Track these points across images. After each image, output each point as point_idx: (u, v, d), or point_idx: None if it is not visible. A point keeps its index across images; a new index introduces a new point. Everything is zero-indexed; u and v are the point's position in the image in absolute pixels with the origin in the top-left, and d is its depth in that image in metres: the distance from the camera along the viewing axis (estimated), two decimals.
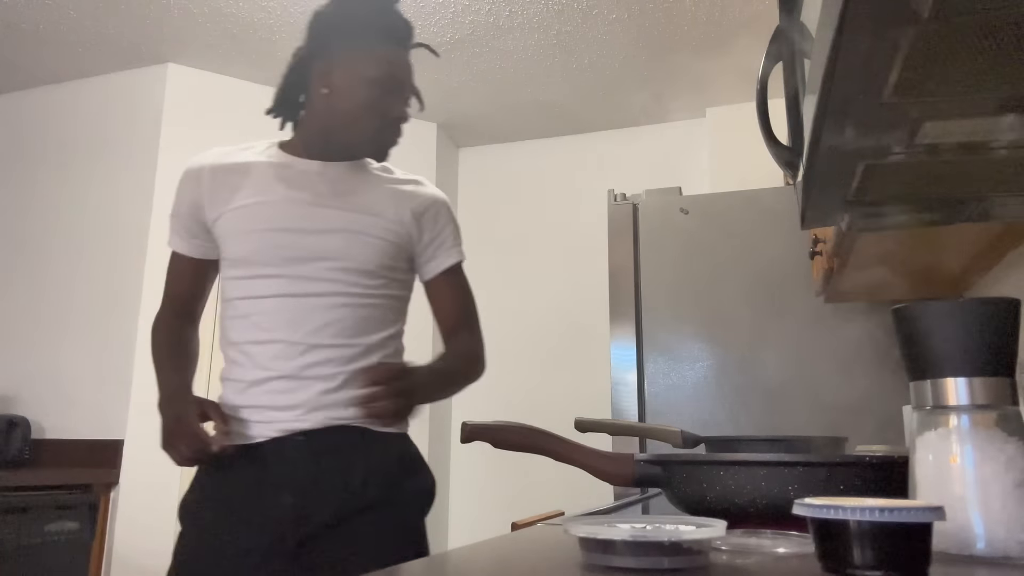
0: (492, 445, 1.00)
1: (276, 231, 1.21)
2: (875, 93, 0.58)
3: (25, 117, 3.46)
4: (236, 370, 1.23)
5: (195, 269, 1.31)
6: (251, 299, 1.22)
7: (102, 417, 2.96)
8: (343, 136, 1.26)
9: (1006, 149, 0.70)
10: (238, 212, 1.23)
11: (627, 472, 0.85)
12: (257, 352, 1.20)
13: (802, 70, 0.75)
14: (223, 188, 1.26)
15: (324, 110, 1.25)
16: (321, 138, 1.28)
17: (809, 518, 0.52)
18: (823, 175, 0.76)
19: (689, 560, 0.55)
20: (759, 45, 2.98)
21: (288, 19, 2.91)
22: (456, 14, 2.86)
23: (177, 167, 3.18)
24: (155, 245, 3.09)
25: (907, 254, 1.44)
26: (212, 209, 1.25)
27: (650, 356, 2.27)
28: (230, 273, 1.25)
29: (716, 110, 3.49)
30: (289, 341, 1.19)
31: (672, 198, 2.41)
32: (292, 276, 1.21)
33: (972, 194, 0.85)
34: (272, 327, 1.20)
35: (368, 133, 1.25)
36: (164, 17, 2.90)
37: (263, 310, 1.21)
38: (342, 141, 1.27)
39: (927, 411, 0.63)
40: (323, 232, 1.22)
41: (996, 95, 0.60)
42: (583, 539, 0.57)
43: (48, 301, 3.20)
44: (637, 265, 2.35)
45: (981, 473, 0.59)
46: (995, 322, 0.60)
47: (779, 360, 2.15)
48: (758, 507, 0.73)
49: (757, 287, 2.21)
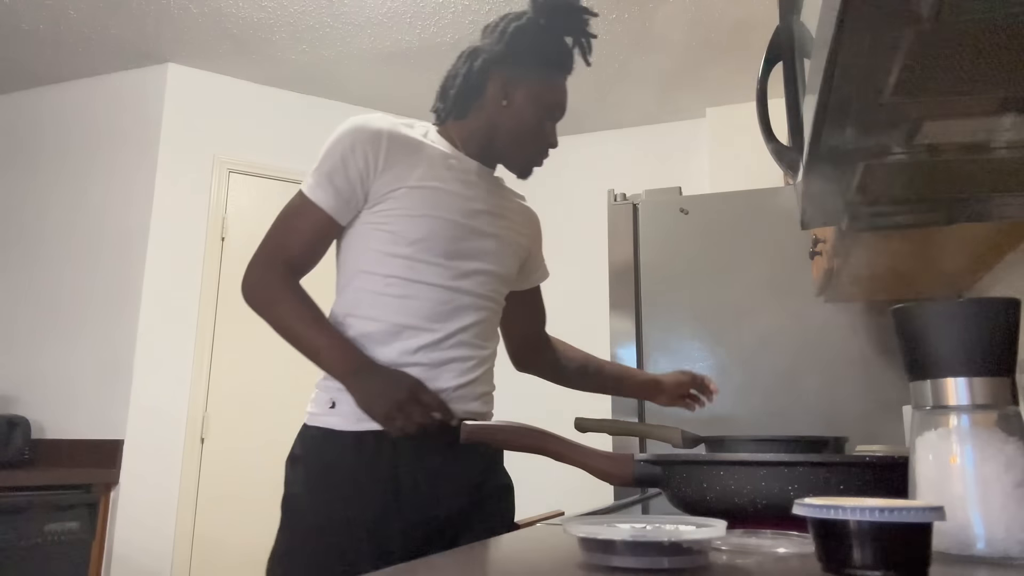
0: (492, 445, 1.00)
1: (447, 221, 1.22)
2: (875, 93, 0.58)
3: (25, 117, 3.46)
4: (373, 347, 1.19)
5: (328, 231, 1.23)
6: (411, 282, 1.20)
7: (102, 417, 2.96)
8: (504, 148, 1.30)
9: (1006, 149, 0.70)
10: (416, 191, 1.21)
11: (627, 472, 0.85)
12: (404, 334, 1.19)
13: (802, 70, 0.75)
14: (402, 161, 1.22)
15: (496, 119, 1.29)
16: (484, 142, 1.30)
17: (809, 518, 0.52)
18: (823, 175, 0.76)
19: (689, 560, 0.55)
20: (759, 45, 2.98)
21: (288, 19, 2.91)
22: (456, 14, 2.86)
23: (177, 167, 3.18)
24: (155, 245, 3.09)
25: (907, 254, 1.44)
26: (390, 179, 1.21)
27: (650, 356, 2.27)
28: (391, 249, 1.21)
29: (716, 110, 3.49)
30: (440, 332, 1.20)
31: (672, 198, 2.41)
32: (452, 269, 1.22)
33: (972, 194, 0.85)
34: (426, 315, 1.20)
35: (527, 152, 1.30)
36: (164, 17, 2.90)
37: (421, 295, 1.20)
38: (501, 151, 1.31)
39: (927, 411, 0.63)
40: (483, 234, 1.27)
41: (996, 95, 0.60)
42: (583, 539, 0.57)
43: (48, 301, 3.20)
44: (637, 265, 2.35)
45: (981, 473, 0.59)
46: (995, 322, 0.60)
47: (779, 360, 2.15)
48: (758, 507, 0.73)
49: (757, 287, 2.21)
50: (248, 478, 3.05)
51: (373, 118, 1.24)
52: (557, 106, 1.29)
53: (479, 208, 1.27)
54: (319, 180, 1.21)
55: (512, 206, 1.38)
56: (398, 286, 1.20)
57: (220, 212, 3.22)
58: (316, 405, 1.24)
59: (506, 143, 1.29)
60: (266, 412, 3.13)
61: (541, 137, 1.30)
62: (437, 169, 1.24)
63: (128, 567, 2.81)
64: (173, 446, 2.97)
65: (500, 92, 1.28)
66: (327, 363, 1.17)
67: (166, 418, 2.98)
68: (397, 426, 1.12)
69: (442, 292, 1.21)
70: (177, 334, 3.06)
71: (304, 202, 1.22)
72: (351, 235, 1.24)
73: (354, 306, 1.22)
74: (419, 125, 1.29)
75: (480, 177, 1.31)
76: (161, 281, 3.07)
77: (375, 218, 1.22)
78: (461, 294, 1.23)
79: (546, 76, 1.28)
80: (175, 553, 2.88)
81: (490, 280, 1.28)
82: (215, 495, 2.99)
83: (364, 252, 1.22)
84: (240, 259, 1.31)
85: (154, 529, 2.87)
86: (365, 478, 1.15)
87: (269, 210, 1.28)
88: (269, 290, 1.21)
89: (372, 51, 3.13)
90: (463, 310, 1.23)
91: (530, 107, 1.27)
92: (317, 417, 1.22)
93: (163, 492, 2.91)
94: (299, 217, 1.23)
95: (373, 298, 1.21)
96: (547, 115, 1.29)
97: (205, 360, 3.08)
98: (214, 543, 2.95)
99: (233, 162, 3.29)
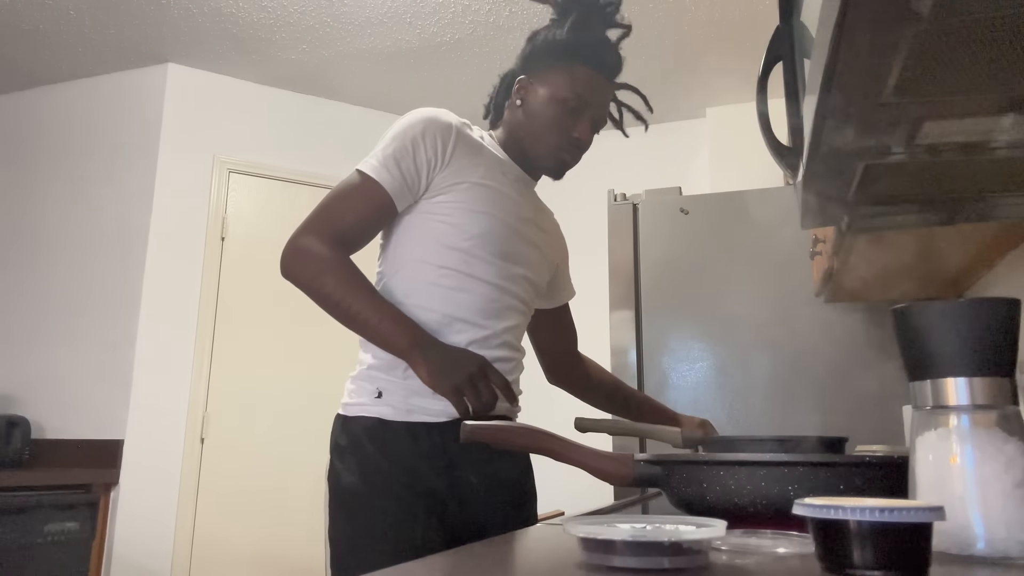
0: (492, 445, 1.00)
1: (503, 222, 1.25)
2: (875, 93, 0.58)
3: (25, 117, 3.46)
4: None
5: (385, 213, 1.21)
6: (466, 276, 1.21)
7: (102, 417, 2.96)
8: (528, 148, 1.31)
9: (1006, 149, 0.70)
10: (479, 188, 1.23)
11: (627, 472, 0.85)
12: (455, 327, 1.20)
13: (802, 70, 0.75)
14: (467, 157, 1.24)
15: (516, 122, 1.32)
16: (514, 147, 1.33)
17: (809, 518, 0.52)
18: (823, 175, 0.76)
19: (689, 560, 0.55)
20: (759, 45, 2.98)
21: (288, 19, 2.91)
22: (456, 14, 2.86)
23: (177, 167, 3.18)
24: (155, 245, 3.09)
25: (907, 254, 1.44)
26: (454, 172, 1.22)
27: (650, 356, 2.27)
28: (449, 241, 1.21)
29: (716, 110, 3.49)
30: (488, 329, 1.22)
31: (672, 198, 2.41)
32: (502, 270, 1.24)
33: (972, 194, 0.85)
34: (477, 310, 1.21)
35: (548, 149, 1.30)
36: (164, 17, 2.90)
37: (474, 290, 1.21)
38: (527, 153, 1.32)
39: (927, 411, 0.63)
40: (528, 241, 1.30)
41: (996, 95, 0.60)
42: (583, 539, 0.57)
43: (48, 301, 3.20)
44: (637, 265, 2.35)
45: (981, 473, 0.59)
46: (995, 322, 0.60)
47: (779, 360, 2.15)
48: (758, 507, 0.73)
49: (757, 287, 2.21)
50: (248, 478, 3.05)
51: (443, 112, 1.25)
52: (577, 99, 1.27)
53: (527, 216, 1.31)
54: (384, 161, 1.19)
55: (548, 222, 1.42)
56: (452, 278, 1.21)
57: (220, 212, 3.22)
58: (358, 395, 1.21)
59: (527, 143, 1.31)
60: (266, 412, 3.13)
61: (562, 131, 1.28)
62: (495, 171, 1.27)
63: (128, 567, 2.81)
64: (173, 446, 2.97)
65: (515, 95, 1.31)
66: (387, 335, 1.14)
67: (166, 418, 2.98)
68: (464, 402, 1.10)
69: (492, 290, 1.23)
70: (177, 334, 3.06)
71: (366, 181, 1.19)
72: (407, 222, 1.24)
73: (406, 293, 1.22)
74: (476, 128, 1.32)
75: (524, 185, 1.34)
76: (161, 281, 3.07)
77: (436, 208, 1.22)
78: (508, 295, 1.25)
79: (560, 70, 1.28)
80: (175, 553, 2.88)
81: (530, 287, 1.31)
82: (215, 495, 2.99)
83: (421, 241, 1.22)
84: (240, 259, 1.32)
85: (154, 529, 2.87)
86: (424, 467, 1.15)
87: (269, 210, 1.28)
88: (319, 259, 1.16)
89: (372, 51, 3.13)
90: (508, 311, 1.25)
91: (545, 102, 1.28)
92: (363, 407, 1.20)
93: (163, 492, 2.91)
94: (358, 195, 1.20)
95: (426, 288, 1.21)
96: (565, 109, 1.27)
97: (205, 360, 3.08)
98: (214, 543, 2.95)
99: (233, 162, 3.29)
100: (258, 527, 3.03)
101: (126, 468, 2.87)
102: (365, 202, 1.19)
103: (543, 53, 1.30)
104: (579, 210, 3.81)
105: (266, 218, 3.28)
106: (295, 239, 1.18)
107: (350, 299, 1.15)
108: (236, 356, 3.14)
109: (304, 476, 3.10)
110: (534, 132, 1.29)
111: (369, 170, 1.19)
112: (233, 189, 3.27)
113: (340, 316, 1.18)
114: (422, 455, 1.16)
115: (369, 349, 1.23)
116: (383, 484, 1.15)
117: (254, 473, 3.06)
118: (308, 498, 3.10)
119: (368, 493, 1.15)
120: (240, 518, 3.01)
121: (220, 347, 3.12)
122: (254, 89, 3.40)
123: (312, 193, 3.34)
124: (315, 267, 1.16)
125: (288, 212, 3.31)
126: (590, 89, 1.29)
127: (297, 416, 3.15)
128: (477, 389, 1.10)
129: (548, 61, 1.29)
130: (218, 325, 3.13)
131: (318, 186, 3.35)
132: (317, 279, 1.16)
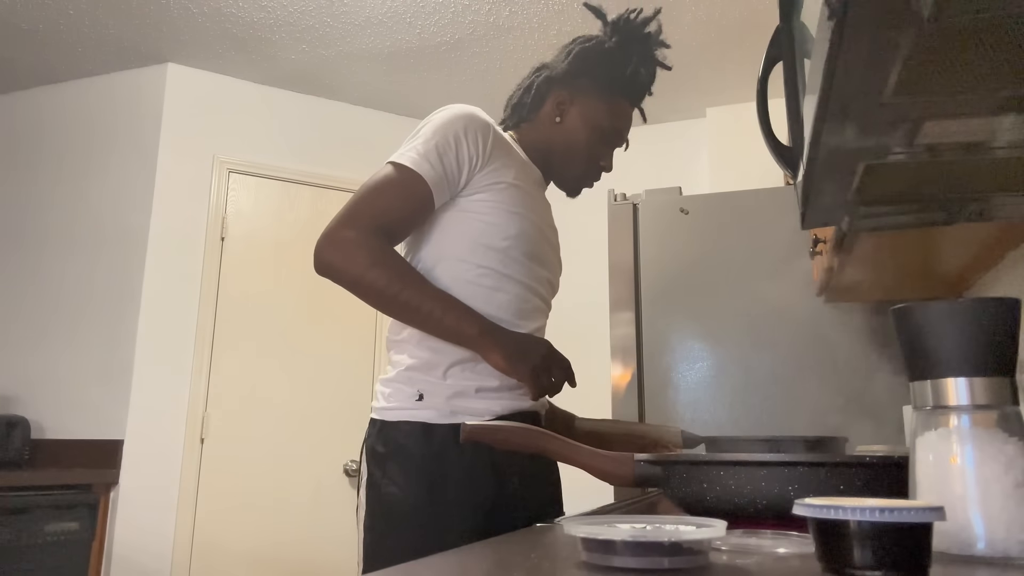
0: (492, 445, 1.00)
1: (534, 225, 1.25)
2: (875, 93, 0.58)
3: (25, 117, 3.46)
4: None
5: (425, 207, 1.17)
6: (503, 276, 1.21)
7: (102, 417, 2.96)
8: (557, 165, 1.32)
9: (1006, 149, 0.70)
10: (515, 189, 1.22)
11: (627, 472, 0.85)
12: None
13: (802, 70, 0.75)
14: (502, 157, 1.23)
15: (550, 136, 1.31)
16: (540, 157, 1.33)
17: (809, 518, 0.52)
18: (823, 175, 0.76)
19: (689, 560, 0.55)
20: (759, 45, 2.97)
21: (288, 19, 2.91)
22: (456, 14, 2.85)
23: (177, 167, 3.18)
24: (155, 245, 3.09)
25: (907, 254, 1.44)
26: (491, 172, 1.20)
27: (650, 356, 2.27)
28: (488, 241, 1.19)
29: (716, 110, 3.49)
30: (523, 329, 1.21)
31: (672, 198, 2.41)
32: (532, 272, 1.25)
33: (972, 194, 0.85)
34: (514, 311, 1.21)
35: (576, 172, 1.32)
36: (164, 17, 2.90)
37: (510, 290, 1.22)
38: (554, 168, 1.33)
39: (927, 411, 0.63)
40: (551, 245, 1.32)
41: (996, 95, 0.60)
42: (583, 539, 0.57)
43: (48, 301, 3.20)
44: (637, 265, 2.35)
45: (981, 473, 0.59)
46: (995, 322, 0.60)
47: (779, 360, 2.15)
48: (758, 507, 0.73)
49: (757, 287, 2.21)
50: (248, 478, 3.05)
51: (479, 110, 1.24)
52: (614, 132, 1.29)
53: (548, 219, 1.33)
54: (426, 154, 1.15)
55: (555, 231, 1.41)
56: (491, 278, 1.20)
57: (220, 212, 3.22)
58: (397, 399, 1.17)
59: (558, 161, 1.32)
60: (266, 412, 3.13)
61: (592, 159, 1.30)
62: (523, 173, 1.27)
63: (128, 567, 2.81)
64: (173, 446, 2.97)
65: (555, 110, 1.30)
66: (455, 325, 1.12)
67: (166, 418, 2.98)
68: (543, 384, 1.11)
69: (525, 291, 1.23)
70: (177, 334, 3.06)
71: (407, 173, 1.15)
72: (443, 219, 1.21)
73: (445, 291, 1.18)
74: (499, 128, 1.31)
75: (543, 189, 1.35)
76: (161, 281, 3.07)
77: (474, 207, 1.20)
78: (537, 296, 1.26)
79: (603, 99, 1.29)
80: (175, 553, 2.88)
81: (551, 289, 1.33)
82: (215, 495, 2.99)
83: (459, 239, 1.20)
84: (240, 259, 1.31)
85: (154, 529, 2.87)
86: (474, 470, 1.12)
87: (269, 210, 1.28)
88: (368, 251, 1.10)
89: (372, 51, 3.13)
90: (536, 312, 1.26)
91: (583, 128, 1.28)
92: (403, 411, 1.16)
93: (163, 492, 2.91)
94: (398, 188, 1.15)
95: (466, 286, 1.18)
96: (600, 138, 1.29)
97: (205, 360, 3.08)
98: (214, 543, 2.95)
99: (233, 162, 3.29)
100: (258, 527, 3.03)
101: (126, 468, 2.87)
102: (406, 195, 1.15)
103: (589, 75, 1.29)
104: (579, 210, 3.80)
105: (266, 218, 3.28)
106: (333, 232, 1.11)
107: (409, 292, 1.11)
108: (236, 356, 3.13)
109: (304, 476, 3.10)
110: (566, 153, 1.30)
111: (409, 163, 1.15)
112: (233, 189, 3.27)
113: (396, 309, 1.14)
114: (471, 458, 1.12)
115: (404, 350, 1.20)
116: (432, 492, 1.11)
117: (254, 473, 3.06)
118: (308, 498, 3.10)
119: (415, 503, 1.10)
120: (240, 518, 3.01)
121: (220, 347, 3.12)
122: (254, 89, 3.40)
123: (312, 193, 3.35)
124: (365, 259, 1.09)
125: (288, 212, 3.31)
126: (627, 123, 1.32)
127: (297, 416, 3.15)
128: (550, 371, 1.12)
129: (594, 86, 1.29)
130: (218, 325, 3.13)
131: (318, 186, 3.35)
132: (369, 272, 1.10)
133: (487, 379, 1.17)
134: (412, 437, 1.14)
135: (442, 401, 1.14)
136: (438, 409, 1.14)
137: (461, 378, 1.16)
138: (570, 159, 1.30)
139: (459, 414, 1.13)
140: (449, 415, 1.14)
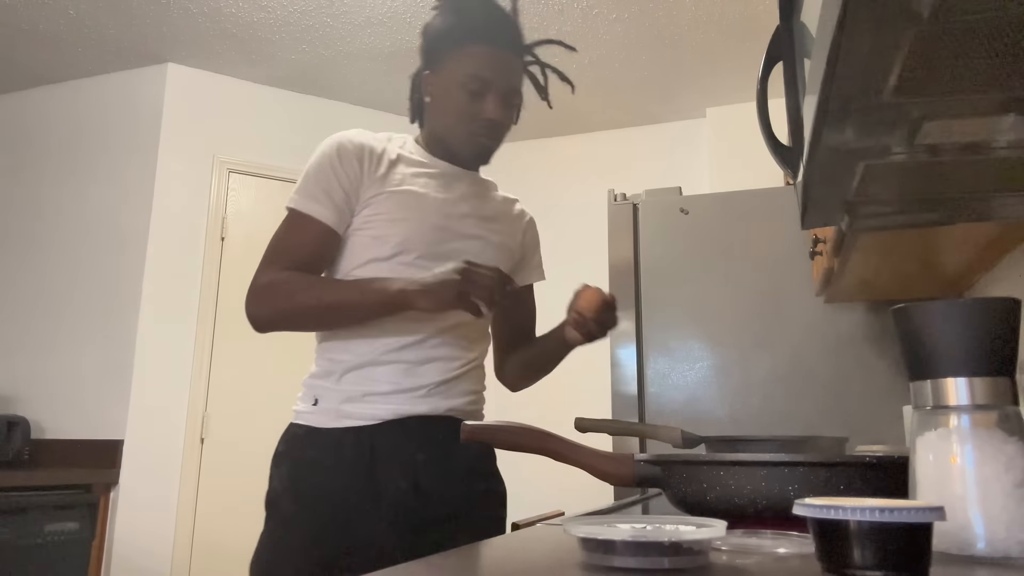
0: (492, 445, 1.00)
1: (427, 224, 1.24)
2: (875, 93, 0.58)
3: (25, 117, 3.46)
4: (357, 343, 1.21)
5: (327, 239, 1.23)
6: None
7: (102, 417, 2.96)
8: (446, 140, 1.30)
9: (1006, 149, 0.70)
10: (395, 196, 1.23)
11: (627, 472, 0.85)
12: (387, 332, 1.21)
13: (802, 70, 0.75)
14: (381, 168, 1.24)
15: (431, 118, 1.31)
16: (436, 143, 1.32)
17: (809, 518, 0.52)
18: (823, 175, 0.76)
19: (689, 560, 0.55)
20: (759, 45, 2.99)
21: (288, 19, 2.91)
22: None
23: (177, 167, 3.18)
24: (155, 245, 3.09)
25: (907, 254, 1.44)
26: (370, 187, 1.23)
27: (650, 356, 2.27)
28: (374, 253, 1.22)
29: (716, 110, 3.49)
30: (422, 333, 1.21)
31: (672, 198, 2.41)
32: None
33: (972, 194, 0.85)
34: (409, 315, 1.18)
35: (464, 136, 1.28)
36: (164, 17, 2.90)
37: None
38: (447, 145, 1.30)
39: (927, 411, 0.63)
40: (465, 236, 1.28)
41: (996, 95, 0.60)
42: (583, 539, 0.57)
43: (48, 301, 3.20)
44: (637, 265, 2.35)
45: (981, 473, 0.59)
46: (995, 322, 0.60)
47: (779, 360, 2.15)
48: (758, 507, 0.73)
49: (757, 287, 2.21)
50: (248, 478, 3.03)
51: (351, 132, 1.27)
52: (475, 80, 1.23)
53: (463, 211, 1.29)
54: (313, 194, 1.22)
55: (504, 209, 1.38)
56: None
57: (220, 212, 3.22)
58: (301, 402, 1.25)
59: (444, 135, 1.29)
60: (266, 412, 3.13)
61: (468, 116, 1.25)
62: (414, 176, 1.26)
63: (128, 567, 2.81)
64: (173, 446, 2.97)
65: (424, 92, 1.30)
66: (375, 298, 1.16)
67: (166, 418, 2.98)
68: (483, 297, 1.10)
69: None
70: (177, 334, 3.06)
71: (298, 217, 1.23)
72: (346, 241, 1.25)
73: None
74: (397, 138, 1.32)
75: (461, 181, 1.32)
76: (161, 281, 3.07)
77: (359, 223, 1.24)
78: None
79: (453, 56, 1.25)
80: (175, 553, 2.88)
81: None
82: (215, 495, 2.99)
83: (352, 257, 1.24)
84: (240, 259, 1.32)
85: (154, 529, 2.87)
86: (343, 477, 1.15)
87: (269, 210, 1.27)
88: (283, 283, 1.19)
89: (372, 51, 3.13)
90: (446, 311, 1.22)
91: (447, 92, 1.26)
92: (301, 415, 1.23)
93: (163, 492, 2.91)
94: (296, 231, 1.23)
95: None
96: (466, 94, 1.24)
97: (205, 360, 3.08)
98: (214, 543, 2.95)
99: (233, 162, 3.29)
100: (258, 527, 3.02)
101: (126, 468, 2.87)
102: (305, 236, 1.22)
103: (435, 43, 1.28)
104: (579, 210, 3.81)
105: (266, 218, 3.28)
106: (253, 283, 1.20)
107: (327, 296, 1.19)
108: (236, 356, 3.13)
109: None
110: (447, 124, 1.28)
111: (295, 205, 1.22)
112: (233, 189, 3.27)
113: (326, 317, 1.20)
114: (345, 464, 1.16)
115: (314, 360, 1.26)
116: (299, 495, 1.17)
117: (254, 473, 3.05)
118: None
119: (284, 507, 1.18)
120: (240, 518, 3.01)
121: (220, 347, 3.12)
122: (254, 89, 3.40)
123: None
124: (284, 290, 1.18)
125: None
126: (488, 66, 1.24)
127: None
128: (475, 283, 1.10)
129: (441, 50, 1.27)
130: (218, 325, 3.13)
131: None
132: (290, 301, 1.18)
133: (379, 384, 1.19)
134: (296, 439, 1.21)
135: (334, 406, 1.19)
136: (327, 413, 1.19)
137: (353, 383, 1.20)
138: (449, 126, 1.27)
139: (345, 418, 1.17)
140: (336, 419, 1.18)
